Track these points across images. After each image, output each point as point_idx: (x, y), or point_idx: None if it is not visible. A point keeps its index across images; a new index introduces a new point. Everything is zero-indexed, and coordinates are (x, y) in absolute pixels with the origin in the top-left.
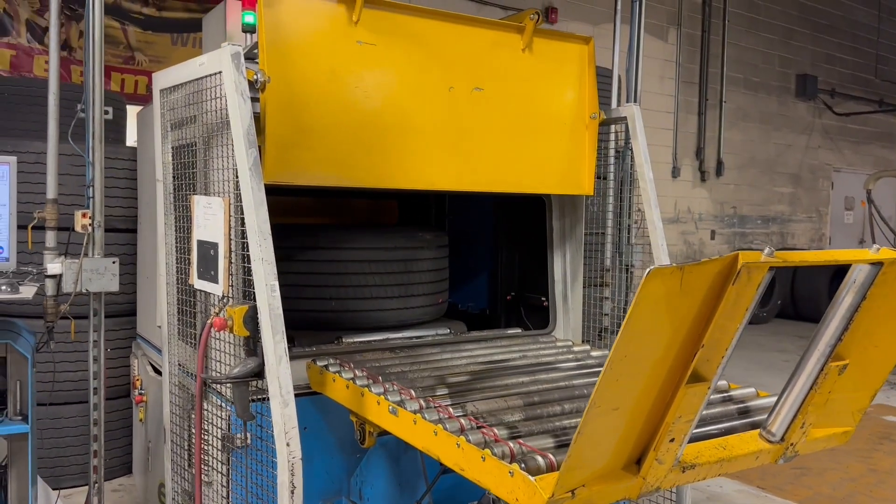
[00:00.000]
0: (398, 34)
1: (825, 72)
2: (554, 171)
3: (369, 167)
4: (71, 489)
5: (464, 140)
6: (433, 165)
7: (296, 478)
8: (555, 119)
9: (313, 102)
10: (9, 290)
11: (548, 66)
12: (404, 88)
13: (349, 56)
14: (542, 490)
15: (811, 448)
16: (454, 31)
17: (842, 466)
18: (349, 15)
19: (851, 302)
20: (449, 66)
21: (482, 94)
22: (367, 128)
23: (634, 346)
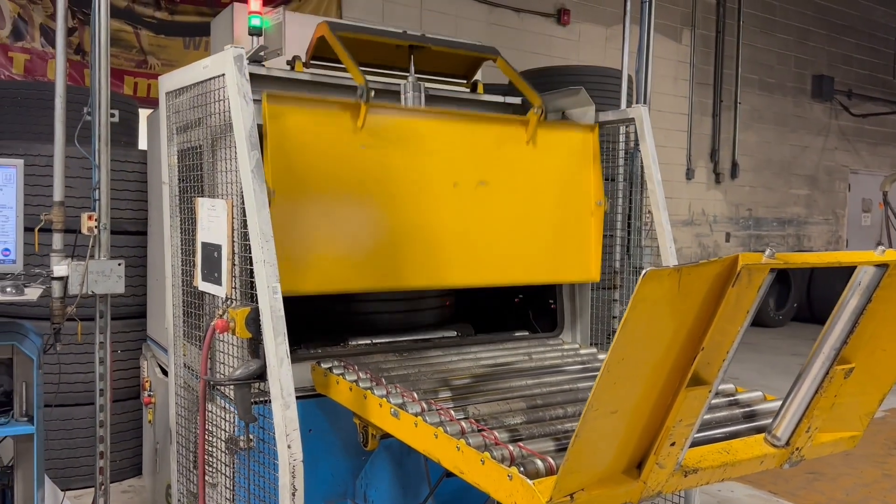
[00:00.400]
0: (401, 136)
1: (842, 72)
2: (561, 259)
3: (374, 270)
4: (81, 490)
5: (469, 234)
6: (441, 263)
7: (297, 480)
8: (561, 207)
9: (320, 210)
10: (14, 292)
11: (552, 155)
12: (408, 188)
13: (354, 161)
14: (541, 494)
15: (818, 453)
16: (457, 129)
17: (856, 471)
18: (354, 122)
19: (857, 304)
20: (452, 162)
21: (487, 188)
22: (372, 231)
23: (632, 348)
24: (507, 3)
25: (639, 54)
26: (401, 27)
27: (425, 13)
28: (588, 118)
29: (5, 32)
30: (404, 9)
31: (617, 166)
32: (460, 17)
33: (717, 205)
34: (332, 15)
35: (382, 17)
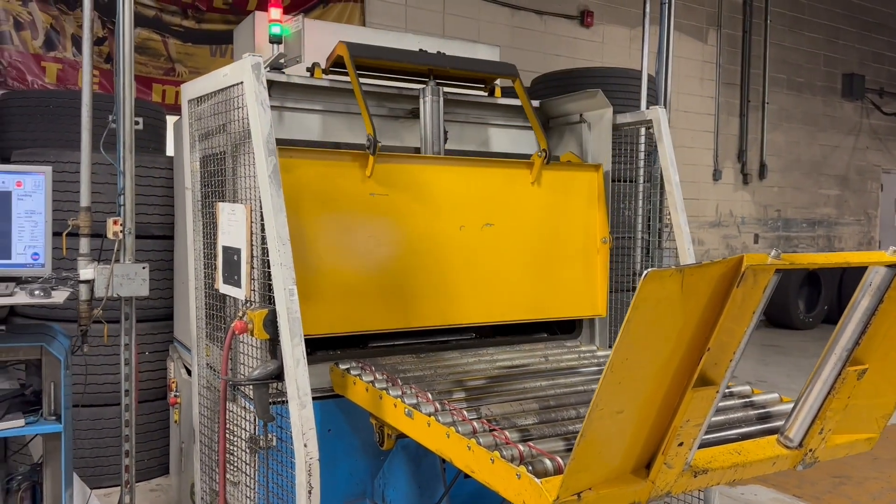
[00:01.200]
0: (408, 182)
1: (873, 71)
2: (567, 295)
3: (385, 312)
4: (109, 488)
5: (476, 274)
6: (447, 303)
7: (313, 478)
8: (566, 245)
9: (330, 257)
10: (42, 295)
11: (557, 195)
12: (415, 232)
13: (363, 207)
14: (548, 492)
15: (832, 455)
16: (462, 174)
17: (884, 476)
18: (362, 171)
19: (868, 305)
20: (458, 206)
21: (493, 229)
22: (382, 274)
23: (636, 349)
24: (530, 5)
25: (658, 55)
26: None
27: (448, 17)
28: (606, 120)
29: (38, 43)
30: (427, 13)
31: (637, 168)
32: (482, 20)
33: (745, 206)
34: (355, 22)
35: (405, 23)
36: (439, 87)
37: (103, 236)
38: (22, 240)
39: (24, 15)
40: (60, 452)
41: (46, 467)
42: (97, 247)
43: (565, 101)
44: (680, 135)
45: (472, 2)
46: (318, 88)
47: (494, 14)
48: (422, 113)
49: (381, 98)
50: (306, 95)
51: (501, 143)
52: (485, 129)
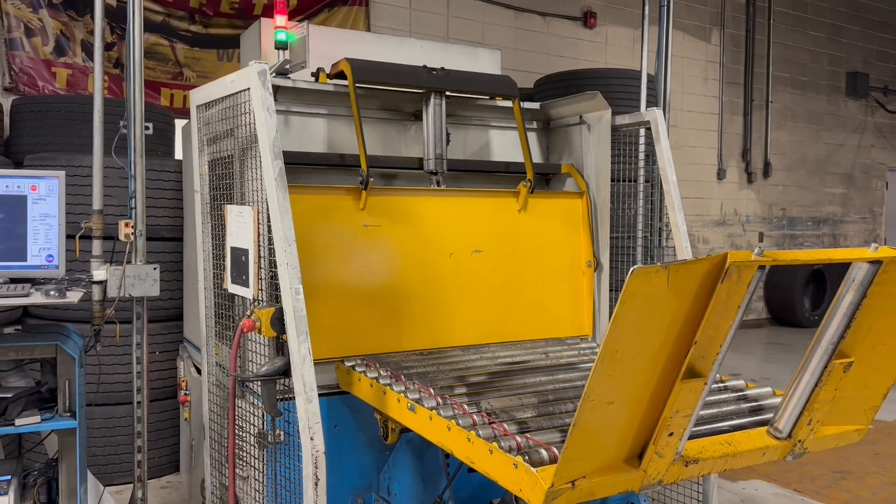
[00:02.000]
0: (400, 213)
1: (878, 69)
2: (554, 317)
3: (379, 337)
4: (122, 485)
5: (465, 299)
6: (437, 327)
7: (319, 470)
8: (553, 269)
9: (330, 282)
10: (57, 295)
11: (544, 222)
12: (407, 261)
13: (357, 239)
14: (543, 481)
15: (821, 445)
16: (452, 204)
17: (884, 470)
18: (356, 204)
19: (852, 300)
20: (448, 234)
21: (482, 256)
22: (375, 301)
23: (625, 342)
24: (533, 7)
25: (657, 56)
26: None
27: (452, 20)
28: (605, 122)
29: (49, 48)
30: (431, 16)
31: (637, 168)
32: (486, 22)
33: (749, 204)
34: (360, 26)
35: (410, 26)
36: (442, 91)
37: (115, 239)
38: (37, 242)
39: (34, 22)
40: (76, 448)
41: (62, 462)
42: (109, 249)
43: (565, 104)
44: (684, 134)
45: (475, 4)
46: (323, 93)
47: (498, 16)
48: (424, 116)
49: (384, 100)
50: (311, 100)
51: (503, 146)
52: (486, 131)
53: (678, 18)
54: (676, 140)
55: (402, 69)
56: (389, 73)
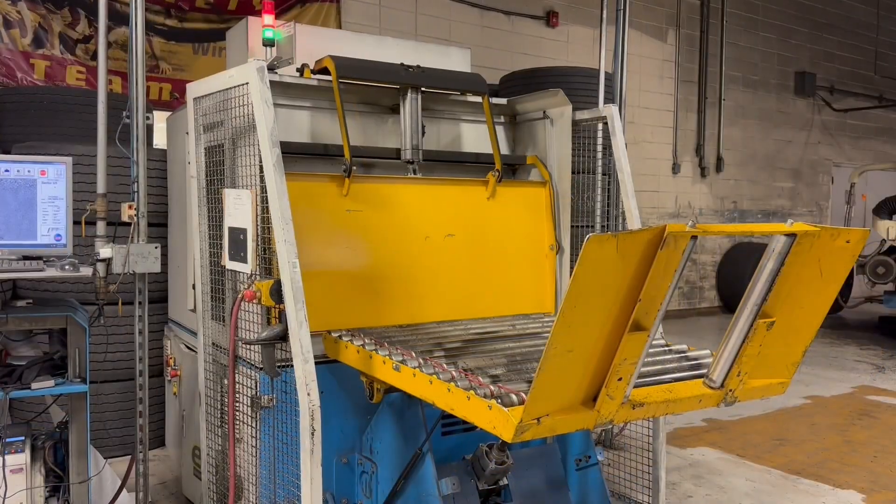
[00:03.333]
0: (380, 199)
1: (824, 69)
2: (520, 296)
3: (360, 313)
4: (112, 459)
5: (440, 279)
6: (414, 304)
7: (315, 422)
8: (519, 252)
9: (314, 262)
10: (71, 269)
11: (510, 209)
12: (387, 243)
13: (340, 223)
14: (513, 418)
15: (750, 395)
16: (427, 191)
17: (818, 438)
18: (340, 190)
19: (772, 268)
20: (424, 219)
21: (454, 239)
22: (359, 279)
23: (582, 298)
24: (498, 6)
25: (615, 55)
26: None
27: (420, 17)
28: (566, 117)
29: (27, 40)
30: (400, 14)
31: (595, 160)
32: (453, 20)
33: (702, 198)
34: (332, 23)
35: (379, 22)
36: (418, 87)
37: (114, 223)
38: (46, 222)
39: (13, 14)
40: (85, 411)
41: (72, 424)
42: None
43: (529, 100)
44: (641, 130)
45: (443, 3)
46: (307, 87)
47: (464, 14)
48: (402, 110)
49: (364, 95)
50: (296, 93)
51: (473, 138)
52: (458, 124)
53: (636, 18)
54: (633, 136)
55: (381, 66)
56: (370, 70)
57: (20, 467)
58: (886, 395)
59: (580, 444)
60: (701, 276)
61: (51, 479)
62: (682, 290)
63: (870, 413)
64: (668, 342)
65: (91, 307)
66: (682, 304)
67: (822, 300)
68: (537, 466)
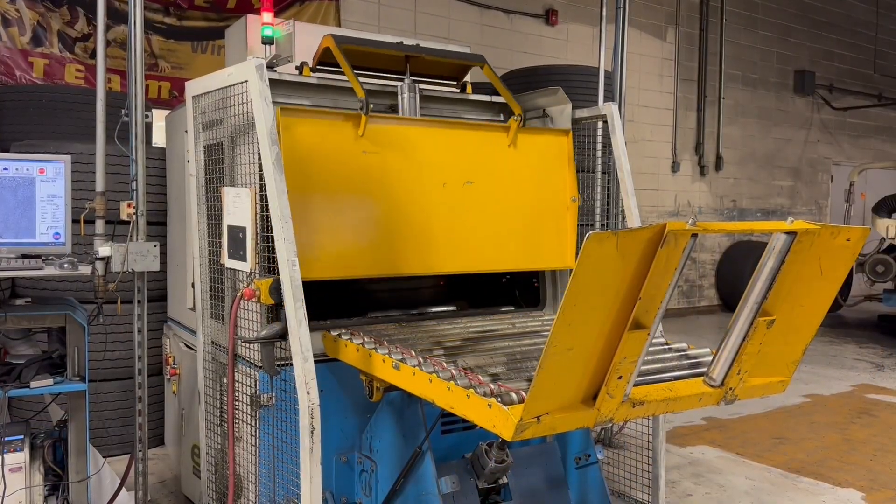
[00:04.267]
0: (397, 142)
1: (823, 67)
2: (539, 249)
3: (375, 259)
4: (111, 458)
5: (457, 228)
6: (433, 253)
7: (315, 420)
8: (539, 203)
9: (327, 208)
10: (70, 268)
11: (531, 157)
12: (404, 187)
13: (356, 164)
14: (513, 416)
15: (750, 394)
16: (446, 135)
17: (818, 436)
18: (355, 131)
19: (772, 266)
20: (442, 164)
21: (473, 187)
22: (372, 225)
23: (582, 296)
24: (498, 4)
25: (614, 54)
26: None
27: (419, 16)
28: (565, 115)
29: (26, 39)
30: (400, 12)
31: (595, 158)
32: (453, 19)
33: (702, 196)
34: (331, 21)
35: (379, 21)
36: (416, 84)
37: (115, 222)
38: (45, 221)
39: (11, 12)
40: (84, 410)
41: (71, 423)
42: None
43: (529, 98)
44: (640, 129)
45: (442, 1)
46: (307, 85)
47: (464, 13)
48: (400, 108)
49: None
50: (296, 91)
51: None
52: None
53: (636, 17)
54: (633, 134)
55: (379, 41)
56: (368, 43)
57: (19, 466)
58: (886, 393)
59: (580, 442)
60: (700, 274)
61: (50, 478)
62: (681, 288)
63: (869, 411)
64: (668, 340)
65: (90, 306)
66: (681, 303)
67: (823, 298)
68: (537, 465)
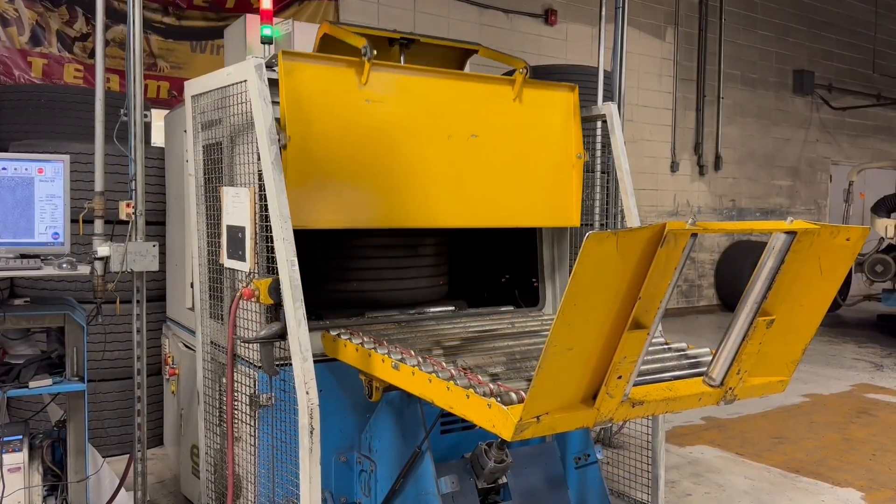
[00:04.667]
0: (401, 91)
1: (822, 67)
2: (544, 206)
3: (377, 211)
4: (110, 458)
5: (462, 182)
6: (435, 206)
7: (314, 420)
8: (544, 159)
9: (328, 156)
10: (69, 267)
11: (537, 112)
12: (408, 139)
13: (359, 113)
14: (513, 416)
15: (749, 394)
16: (451, 86)
17: (818, 436)
18: (358, 78)
19: (772, 265)
20: (447, 116)
21: (478, 140)
22: (376, 176)
23: (582, 296)
24: (497, 4)
25: (613, 54)
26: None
27: (418, 15)
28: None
29: (24, 38)
30: (399, 11)
31: (594, 158)
32: (452, 18)
33: (701, 196)
34: (330, 20)
35: (378, 21)
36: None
37: (112, 222)
38: (43, 221)
39: (10, 12)
40: (83, 410)
41: (70, 423)
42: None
43: None
44: (639, 128)
45: (441, 0)
46: None
47: (463, 12)
48: None
49: None
50: None
51: None
52: None
53: (635, 17)
54: (632, 134)
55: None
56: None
57: (18, 466)
58: (885, 393)
59: (579, 442)
60: (700, 274)
61: (49, 478)
62: (680, 288)
63: (868, 411)
64: (668, 340)
65: (89, 306)
66: (680, 303)
67: (822, 298)
68: (536, 465)
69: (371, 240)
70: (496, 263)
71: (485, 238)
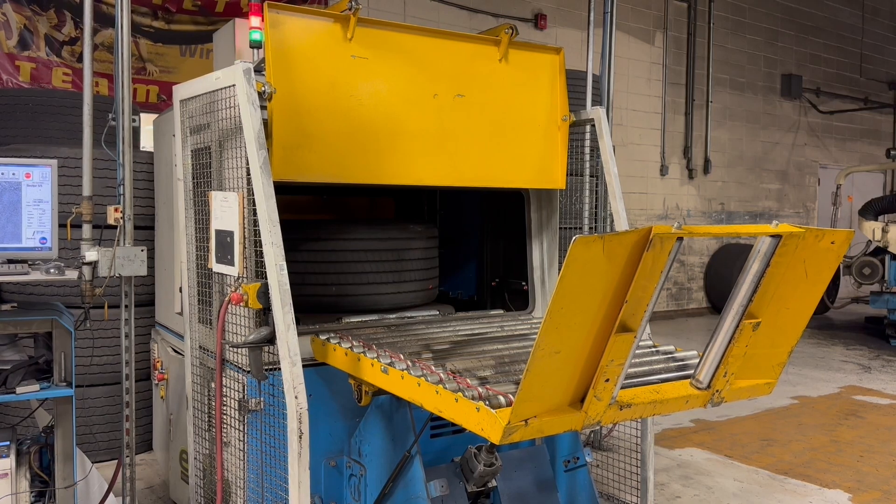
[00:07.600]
0: (387, 48)
1: (810, 71)
2: (530, 167)
3: (363, 166)
4: (98, 463)
5: (448, 141)
6: (420, 164)
7: (303, 425)
8: (530, 121)
9: (314, 110)
10: (56, 272)
11: (523, 73)
12: (394, 96)
13: (345, 69)
14: (501, 420)
15: (736, 396)
16: (437, 45)
17: (806, 438)
18: (344, 33)
19: (757, 269)
20: (433, 75)
21: (464, 100)
22: (362, 132)
23: (569, 300)
24: (487, 8)
25: (601, 59)
26: None
27: (408, 19)
28: None
29: (12, 42)
30: (388, 16)
31: (583, 162)
32: (442, 22)
33: (690, 199)
34: None
35: None
36: None
37: (102, 226)
38: (31, 226)
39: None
40: (71, 415)
41: (58, 429)
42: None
43: None
44: (629, 132)
45: (431, 5)
46: None
47: (453, 16)
48: None
49: None
50: None
51: None
52: None
53: (624, 21)
54: (622, 138)
55: None
56: None
57: (5, 472)
58: (873, 394)
59: (569, 445)
60: (689, 277)
61: (36, 484)
62: (670, 290)
63: (856, 413)
64: (656, 343)
65: (77, 311)
66: (670, 305)
67: (808, 301)
68: (526, 468)
69: (354, 243)
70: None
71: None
